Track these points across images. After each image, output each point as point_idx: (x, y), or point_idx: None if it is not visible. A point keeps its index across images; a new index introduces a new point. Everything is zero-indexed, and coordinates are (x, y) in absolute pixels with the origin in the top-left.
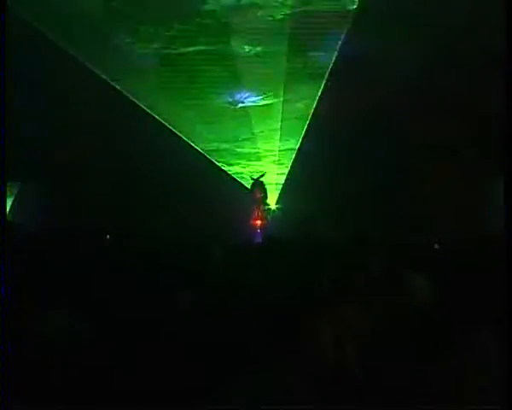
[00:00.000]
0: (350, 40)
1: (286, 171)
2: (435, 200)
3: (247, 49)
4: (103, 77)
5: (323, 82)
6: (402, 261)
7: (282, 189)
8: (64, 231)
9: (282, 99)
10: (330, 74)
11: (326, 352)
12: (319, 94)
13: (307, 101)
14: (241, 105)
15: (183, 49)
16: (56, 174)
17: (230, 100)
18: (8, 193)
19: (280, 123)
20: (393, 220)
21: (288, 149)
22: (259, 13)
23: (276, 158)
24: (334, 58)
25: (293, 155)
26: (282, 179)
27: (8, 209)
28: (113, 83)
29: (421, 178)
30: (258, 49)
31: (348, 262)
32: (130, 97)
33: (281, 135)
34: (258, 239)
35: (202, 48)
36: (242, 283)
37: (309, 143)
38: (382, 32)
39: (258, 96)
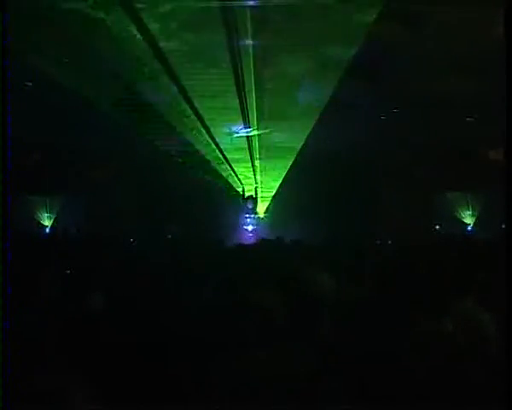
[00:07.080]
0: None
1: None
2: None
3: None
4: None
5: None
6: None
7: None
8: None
9: (263, 131)
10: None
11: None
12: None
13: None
14: (236, 135)
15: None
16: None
17: (229, 131)
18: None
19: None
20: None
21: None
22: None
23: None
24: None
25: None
26: (269, 194)
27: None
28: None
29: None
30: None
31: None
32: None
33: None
34: (250, 239)
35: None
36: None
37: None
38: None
39: (248, 128)
